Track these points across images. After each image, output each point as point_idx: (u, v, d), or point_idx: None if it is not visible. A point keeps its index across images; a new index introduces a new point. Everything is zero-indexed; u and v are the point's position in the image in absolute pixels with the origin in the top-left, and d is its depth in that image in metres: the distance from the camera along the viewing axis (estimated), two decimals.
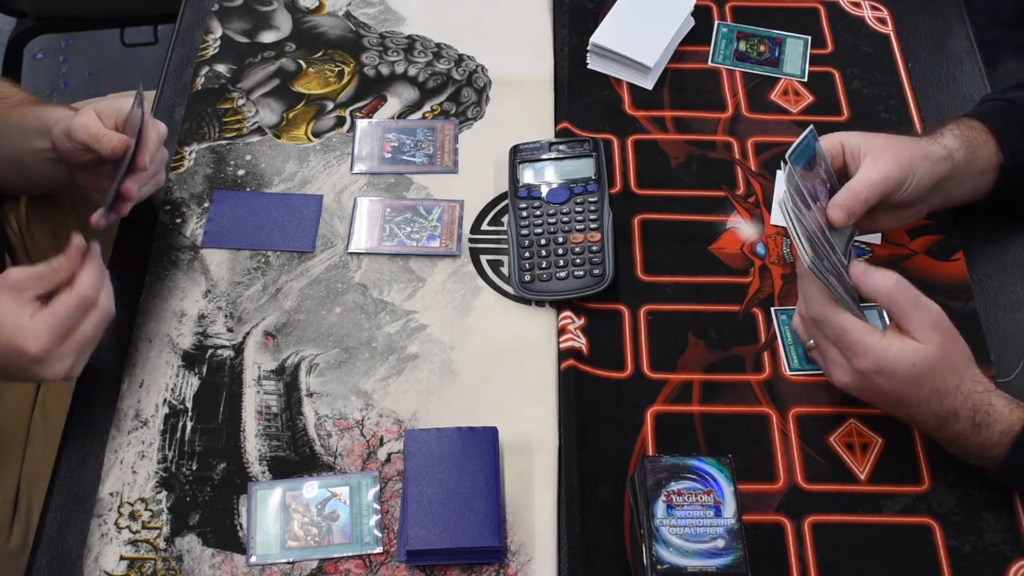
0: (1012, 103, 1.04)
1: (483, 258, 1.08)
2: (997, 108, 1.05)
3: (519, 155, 1.12)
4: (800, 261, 0.90)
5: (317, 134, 1.17)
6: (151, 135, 1.00)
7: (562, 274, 1.04)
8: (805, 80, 1.21)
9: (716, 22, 1.26)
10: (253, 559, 0.90)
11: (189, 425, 0.97)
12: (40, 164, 1.05)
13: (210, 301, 1.05)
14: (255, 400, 0.98)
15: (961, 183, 1.01)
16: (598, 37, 1.22)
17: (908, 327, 0.88)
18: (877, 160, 0.95)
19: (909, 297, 0.88)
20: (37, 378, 0.89)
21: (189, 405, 0.98)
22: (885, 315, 0.95)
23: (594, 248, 1.05)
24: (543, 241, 1.06)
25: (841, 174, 0.97)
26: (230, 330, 1.03)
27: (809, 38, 1.25)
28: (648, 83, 1.21)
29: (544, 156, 1.12)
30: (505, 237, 1.09)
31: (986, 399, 0.89)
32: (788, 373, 1.00)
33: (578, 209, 1.07)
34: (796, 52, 1.24)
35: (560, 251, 1.05)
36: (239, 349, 1.02)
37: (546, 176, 1.10)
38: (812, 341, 0.93)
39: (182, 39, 1.26)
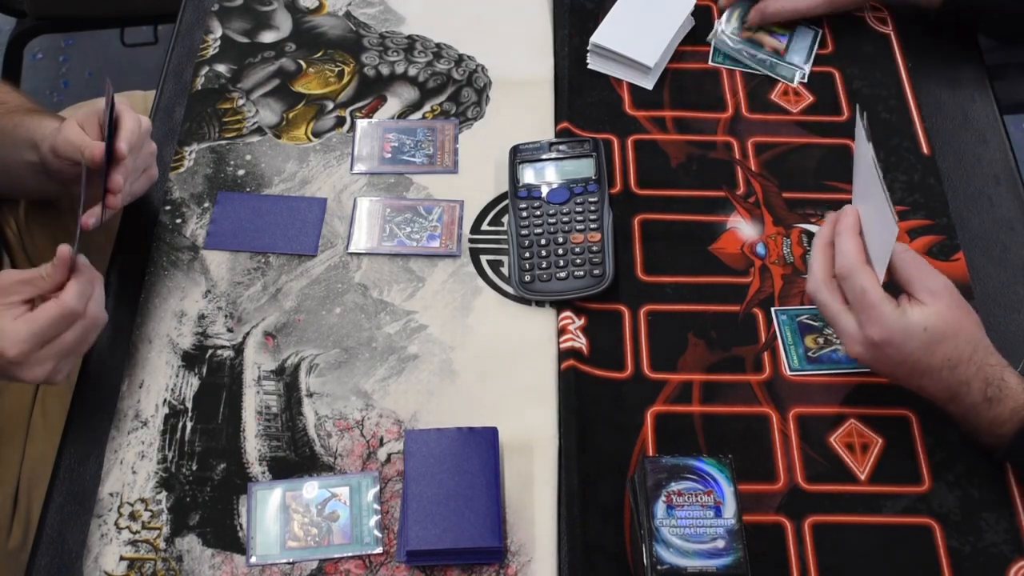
0: None
1: (483, 258, 1.08)
2: None
3: (519, 155, 1.12)
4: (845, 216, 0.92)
5: (317, 134, 1.17)
6: (127, 125, 0.98)
7: (562, 274, 1.04)
8: (806, 76, 1.21)
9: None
10: (253, 559, 0.90)
11: (189, 425, 0.97)
12: (31, 175, 1.05)
13: (210, 301, 1.05)
14: (255, 400, 0.98)
15: None
16: (598, 37, 1.22)
17: (915, 290, 0.89)
18: None
19: (917, 262, 0.91)
20: (17, 379, 0.89)
21: (189, 405, 0.98)
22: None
23: (594, 248, 1.05)
24: (543, 241, 1.06)
25: None
26: (230, 330, 1.03)
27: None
28: (648, 83, 1.21)
29: (544, 156, 1.12)
30: (505, 237, 1.09)
31: (999, 373, 0.89)
32: (788, 373, 1.00)
33: (578, 209, 1.07)
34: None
35: (560, 251, 1.05)
36: (239, 349, 1.02)
37: (546, 176, 1.10)
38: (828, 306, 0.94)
39: (182, 39, 1.26)
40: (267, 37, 1.26)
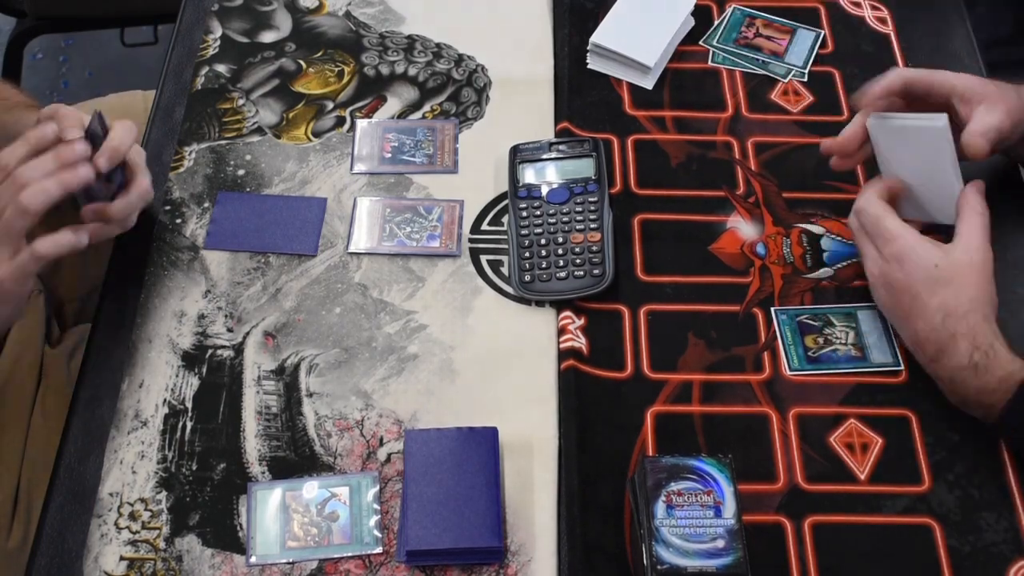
0: None
1: (483, 258, 1.08)
2: None
3: (519, 155, 1.12)
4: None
5: (317, 134, 1.17)
6: (112, 144, 0.97)
7: (562, 274, 1.04)
8: (806, 76, 1.21)
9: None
10: (253, 559, 0.90)
11: (189, 425, 0.97)
12: None
13: (210, 301, 1.05)
14: (255, 400, 0.98)
15: None
16: (598, 37, 1.22)
17: (959, 227, 0.95)
18: (992, 111, 0.99)
19: (976, 205, 0.97)
20: None
21: (189, 405, 0.98)
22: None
23: (594, 248, 1.05)
24: (543, 241, 1.06)
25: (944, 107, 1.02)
26: (230, 330, 1.03)
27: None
28: (648, 83, 1.21)
29: (544, 156, 1.12)
30: (505, 237, 1.09)
31: (988, 340, 0.90)
32: (788, 373, 1.00)
33: (578, 209, 1.07)
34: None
35: (560, 251, 1.05)
36: (239, 349, 1.02)
37: (546, 176, 1.10)
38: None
39: (182, 39, 1.26)
40: (267, 37, 1.26)
